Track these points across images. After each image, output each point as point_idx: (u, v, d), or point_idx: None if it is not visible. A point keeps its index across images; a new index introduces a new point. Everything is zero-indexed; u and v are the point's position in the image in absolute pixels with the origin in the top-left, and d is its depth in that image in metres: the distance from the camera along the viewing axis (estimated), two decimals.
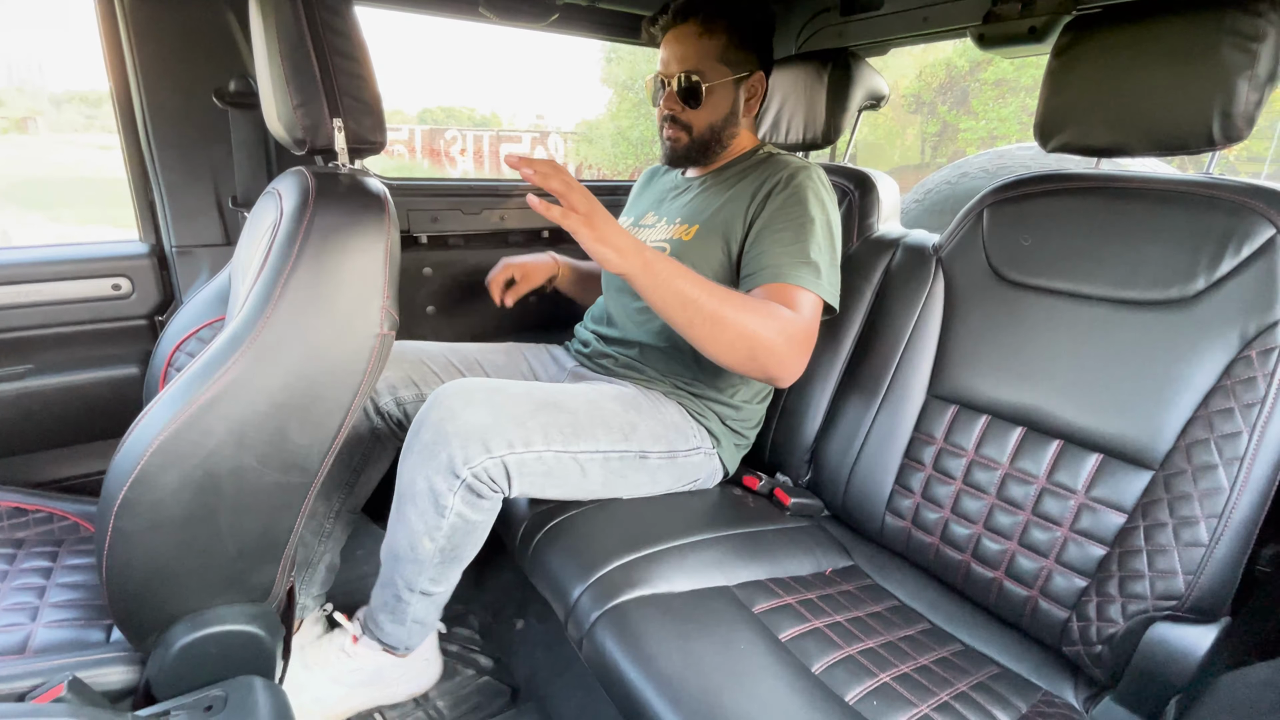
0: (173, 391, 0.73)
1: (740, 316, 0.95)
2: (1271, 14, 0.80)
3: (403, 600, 1.03)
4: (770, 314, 0.98)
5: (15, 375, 1.23)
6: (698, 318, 0.94)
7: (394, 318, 0.81)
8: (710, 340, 0.96)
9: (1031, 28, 1.09)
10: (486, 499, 0.96)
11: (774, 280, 1.03)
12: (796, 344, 1.00)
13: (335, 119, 0.81)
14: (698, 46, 1.15)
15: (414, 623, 1.06)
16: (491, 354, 1.35)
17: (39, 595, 0.88)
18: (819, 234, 1.07)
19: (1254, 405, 0.77)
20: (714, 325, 0.94)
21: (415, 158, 15.05)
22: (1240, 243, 0.81)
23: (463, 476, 0.92)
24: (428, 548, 0.97)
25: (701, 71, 1.15)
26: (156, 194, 1.30)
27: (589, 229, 0.87)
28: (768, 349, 0.97)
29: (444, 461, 0.92)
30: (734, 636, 0.84)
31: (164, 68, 1.21)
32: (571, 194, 0.86)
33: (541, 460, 0.98)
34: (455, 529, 0.96)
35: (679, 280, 0.93)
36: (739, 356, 0.97)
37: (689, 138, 1.21)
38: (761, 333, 0.96)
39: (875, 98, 1.50)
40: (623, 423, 1.07)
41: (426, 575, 1.00)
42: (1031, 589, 0.91)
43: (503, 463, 0.94)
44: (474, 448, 0.92)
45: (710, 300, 0.94)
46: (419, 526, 0.96)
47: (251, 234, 0.96)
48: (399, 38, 29.02)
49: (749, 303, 0.98)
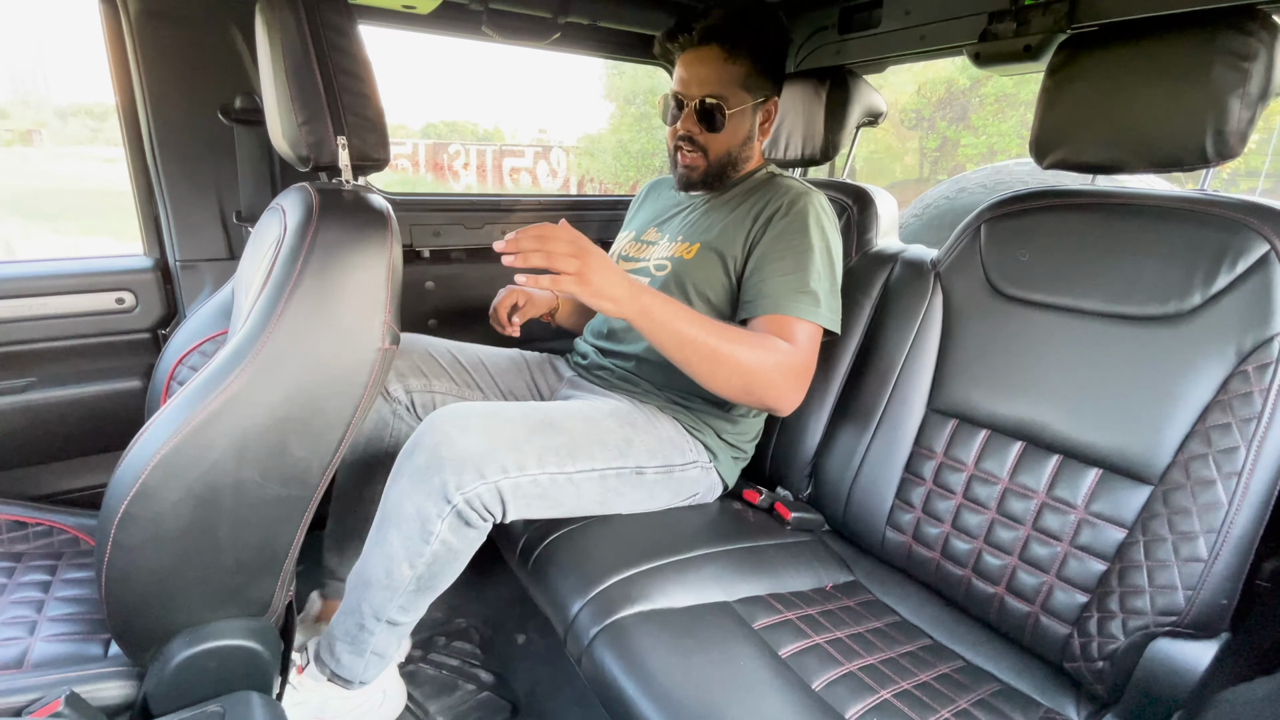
0: (175, 405, 0.73)
1: (736, 352, 0.98)
2: (1262, 33, 0.81)
3: (366, 629, 0.98)
4: (766, 348, 1.00)
5: (18, 388, 1.24)
6: (695, 355, 0.97)
7: (395, 332, 0.81)
8: (708, 375, 0.99)
9: (1027, 46, 1.10)
10: (475, 527, 0.94)
11: (773, 311, 1.06)
12: (793, 376, 1.02)
13: (339, 136, 0.82)
14: (721, 71, 1.15)
15: (373, 654, 1.01)
16: (495, 356, 1.36)
17: (37, 609, 0.87)
18: (818, 261, 1.08)
19: (1251, 420, 0.77)
20: (711, 362, 0.98)
21: (419, 172, 15.14)
22: (1235, 259, 0.82)
23: (454, 502, 0.90)
24: (405, 574, 0.94)
25: (724, 96, 1.15)
26: (161, 208, 1.31)
27: (583, 286, 0.88)
28: (764, 383, 1.00)
29: (436, 486, 0.90)
30: (734, 653, 0.83)
31: (170, 84, 1.23)
32: (555, 261, 0.86)
33: (536, 483, 0.97)
34: (438, 557, 0.93)
35: (676, 321, 0.96)
36: (736, 390, 1.01)
37: (705, 162, 1.21)
38: (757, 367, 0.99)
39: (873, 114, 1.51)
40: (619, 439, 1.07)
41: (397, 603, 0.96)
42: (1032, 604, 0.91)
43: (497, 488, 0.93)
44: (468, 474, 0.91)
45: (707, 338, 0.97)
46: (400, 552, 0.93)
47: (255, 249, 0.96)
48: (404, 54, 29.34)
49: (745, 338, 1.01)
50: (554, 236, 0.87)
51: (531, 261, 0.86)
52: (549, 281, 0.87)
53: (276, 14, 0.81)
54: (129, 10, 1.18)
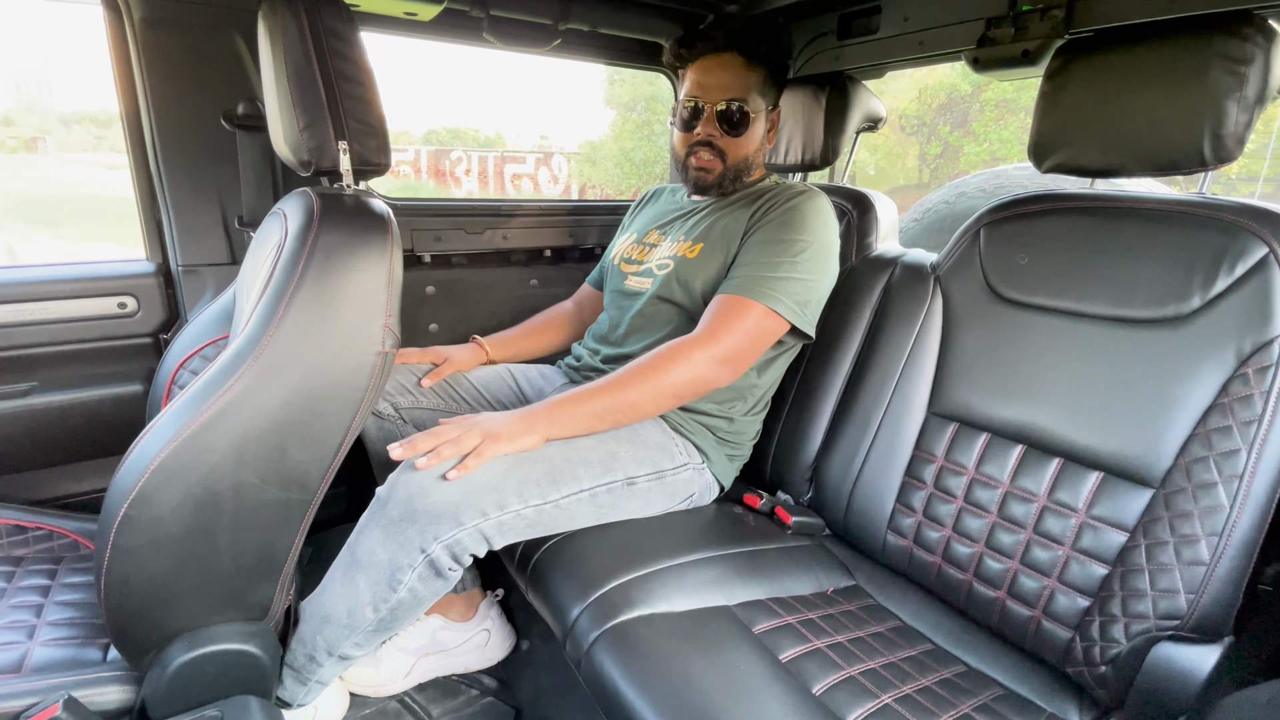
0: (175, 409, 0.74)
1: (646, 385, 1.03)
2: (1258, 37, 0.81)
3: (315, 661, 0.98)
4: (674, 359, 1.04)
5: (19, 392, 1.24)
6: (620, 415, 1.04)
7: (396, 336, 0.82)
8: (641, 415, 1.06)
9: (1025, 51, 1.10)
10: (444, 578, 0.93)
11: (730, 291, 1.09)
12: (716, 365, 1.06)
13: (340, 141, 0.83)
14: (743, 76, 1.18)
15: (316, 683, 1.01)
16: (480, 371, 1.36)
17: (36, 614, 0.87)
18: (799, 256, 1.09)
19: (1252, 422, 0.77)
20: (634, 410, 1.05)
21: (421, 178, 15.18)
22: (1234, 261, 0.82)
23: (429, 551, 0.90)
24: (368, 617, 0.93)
25: (746, 100, 1.18)
26: (164, 213, 1.32)
27: (495, 444, 0.94)
28: (689, 386, 1.06)
29: (411, 538, 0.90)
30: (734, 657, 0.83)
31: (173, 90, 1.24)
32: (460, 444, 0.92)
33: (520, 516, 0.96)
34: (402, 603, 0.93)
35: (577, 406, 1.02)
36: (670, 404, 1.08)
37: (723, 165, 1.22)
38: (674, 383, 1.04)
39: (872, 119, 1.52)
40: (602, 455, 1.05)
41: (353, 640, 0.96)
42: (1034, 609, 0.90)
43: (479, 531, 0.92)
44: (444, 524, 0.90)
45: (614, 397, 1.03)
46: (366, 597, 0.92)
47: (256, 253, 0.97)
48: (407, 62, 29.48)
49: (649, 365, 1.05)
50: (440, 433, 0.94)
51: (444, 455, 0.91)
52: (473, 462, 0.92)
53: (279, 20, 0.81)
54: (133, 17, 1.19)
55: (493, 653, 1.25)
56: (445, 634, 1.20)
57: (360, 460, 1.34)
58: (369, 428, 1.25)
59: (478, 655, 1.25)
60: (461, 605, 1.26)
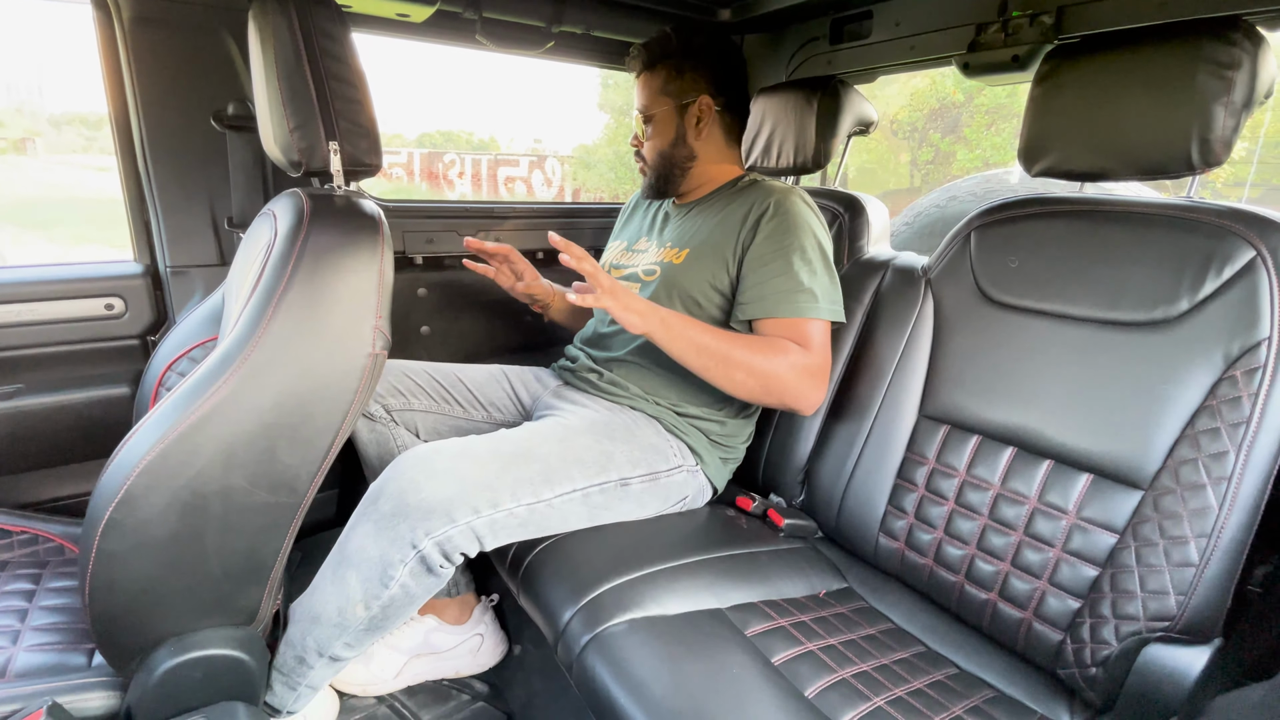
0: (162, 411, 0.73)
1: (751, 358, 1.05)
2: (1245, 43, 0.82)
3: (305, 663, 0.96)
4: (779, 351, 1.06)
5: (5, 395, 1.22)
6: (712, 361, 1.05)
7: (386, 337, 0.81)
8: (726, 380, 1.07)
9: (1015, 56, 1.11)
10: (435, 575, 0.92)
11: (775, 314, 1.10)
12: (809, 377, 1.07)
13: (331, 142, 0.83)
14: (645, 85, 1.29)
15: (306, 687, 0.99)
16: (472, 372, 1.36)
17: (20, 618, 0.86)
18: (811, 256, 1.11)
19: (1240, 425, 0.77)
20: (727, 366, 1.05)
21: (413, 181, 15.16)
22: (1222, 265, 0.83)
23: (420, 548, 0.89)
24: (359, 615, 0.93)
25: (648, 105, 1.28)
26: (152, 214, 1.31)
27: (614, 299, 1.01)
28: (781, 384, 1.06)
29: (402, 534, 0.89)
30: (726, 660, 0.83)
31: (163, 91, 1.23)
32: (600, 275, 1.00)
33: (513, 515, 0.96)
34: (394, 600, 0.92)
35: (691, 330, 1.06)
36: (753, 392, 1.07)
37: (645, 165, 1.32)
38: (772, 370, 1.05)
39: (864, 123, 1.53)
40: (597, 454, 1.06)
41: (344, 640, 0.95)
42: (1025, 610, 0.90)
43: (470, 528, 0.92)
44: (436, 520, 0.90)
45: (722, 345, 1.05)
46: (358, 593, 0.92)
47: (246, 254, 0.96)
48: (400, 64, 29.45)
49: (758, 343, 1.07)
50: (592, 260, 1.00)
51: (583, 267, 0.99)
52: (593, 299, 0.98)
53: (269, 20, 0.81)
54: (122, 17, 1.18)
55: (485, 658, 1.25)
56: (438, 636, 1.19)
57: (350, 463, 1.33)
58: (360, 430, 1.25)
59: (470, 660, 1.25)
60: (456, 609, 1.25)
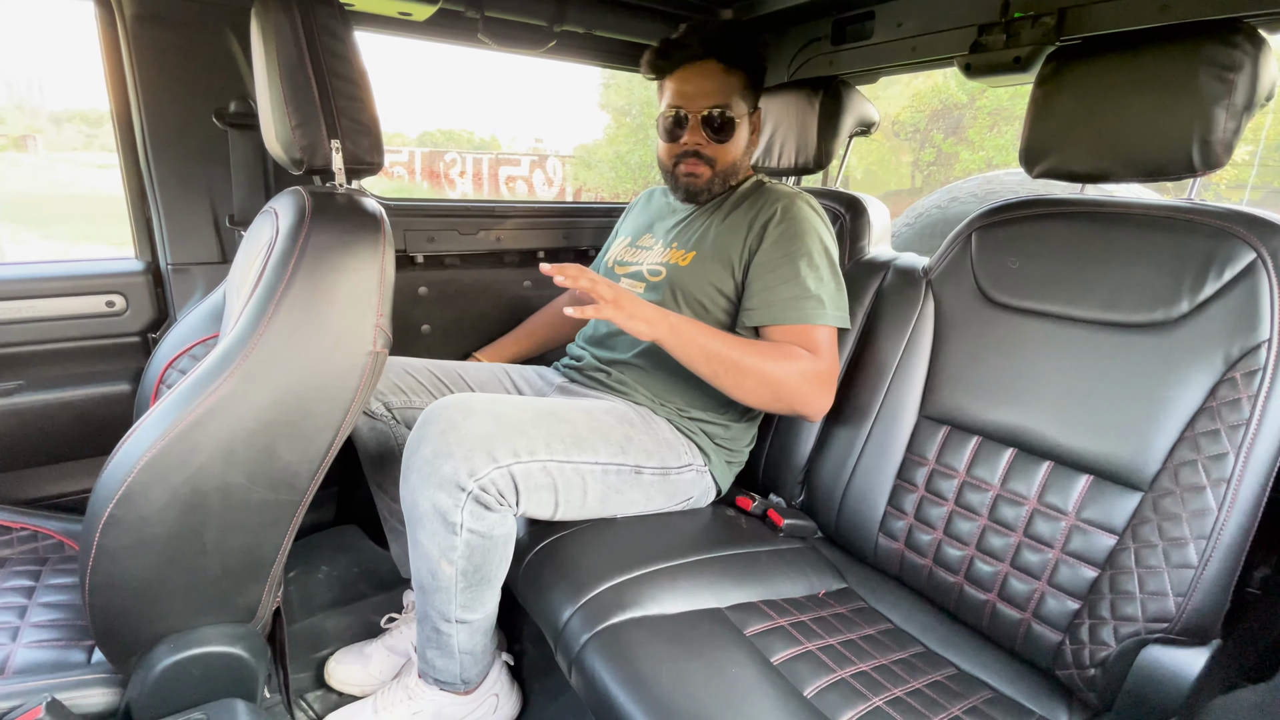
0: (162, 408, 0.73)
1: (761, 364, 1.04)
2: (1247, 45, 0.82)
3: (442, 632, 0.99)
4: (789, 357, 1.05)
5: (6, 391, 1.22)
6: (722, 368, 1.03)
7: (387, 335, 0.81)
8: (735, 387, 1.05)
9: (1016, 58, 1.11)
10: (495, 511, 0.92)
11: (783, 320, 1.09)
12: (817, 383, 1.06)
13: (333, 140, 0.83)
14: (723, 82, 1.18)
15: (462, 654, 1.01)
16: (474, 370, 1.36)
17: (20, 615, 0.86)
18: (819, 262, 1.11)
19: (1239, 426, 0.78)
20: (737, 373, 1.04)
21: (414, 180, 15.15)
22: (1222, 266, 0.83)
23: (469, 489, 0.89)
24: (448, 572, 0.93)
25: (729, 105, 1.18)
26: (154, 212, 1.31)
27: (619, 310, 0.97)
28: (790, 391, 1.05)
29: (448, 475, 0.89)
30: (725, 659, 0.83)
31: (165, 88, 1.23)
32: (598, 286, 0.96)
33: (546, 471, 0.96)
34: (472, 547, 0.92)
35: (701, 337, 1.03)
36: (764, 398, 1.06)
37: (712, 172, 1.21)
38: (782, 377, 1.04)
39: (866, 124, 1.53)
40: (620, 435, 1.07)
41: (457, 602, 0.96)
42: (1024, 611, 0.90)
43: (509, 473, 0.92)
44: (479, 459, 0.89)
45: (732, 352, 1.03)
46: (434, 551, 0.92)
47: (247, 252, 0.96)
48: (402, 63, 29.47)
49: (767, 349, 1.06)
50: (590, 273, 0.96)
51: (579, 284, 0.95)
52: (593, 310, 0.95)
53: (271, 18, 0.81)
54: (124, 14, 1.18)
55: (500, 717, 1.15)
56: (452, 709, 1.08)
57: (351, 462, 1.33)
58: (360, 428, 1.25)
59: None
60: None
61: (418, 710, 1.05)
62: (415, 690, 1.06)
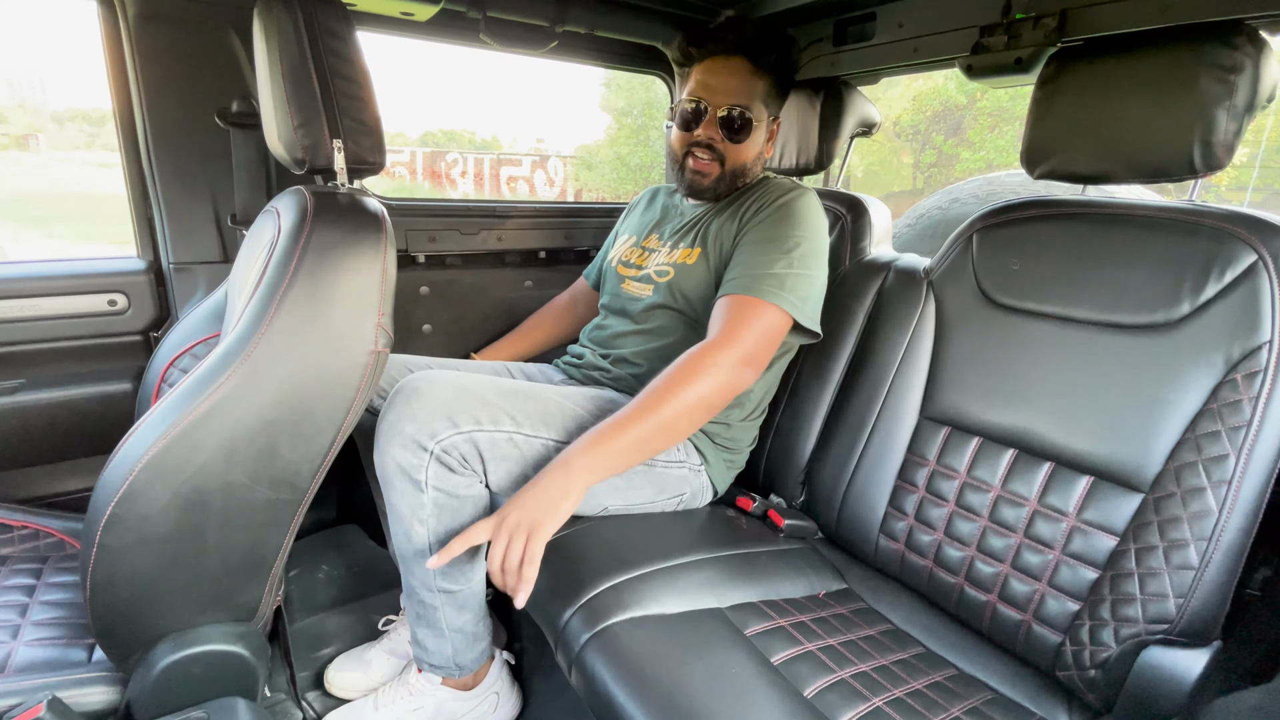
0: (164, 407, 0.73)
1: (679, 401, 0.95)
2: (1248, 47, 0.82)
3: (427, 604, 1.00)
4: (699, 367, 0.98)
5: (7, 390, 1.23)
6: (657, 438, 0.95)
7: (389, 334, 0.81)
8: (682, 433, 0.98)
9: (1018, 59, 1.11)
10: (460, 474, 0.94)
11: (734, 292, 1.06)
12: (738, 369, 1.00)
13: (335, 139, 0.83)
14: (749, 83, 1.17)
15: (452, 632, 1.02)
16: (476, 367, 1.36)
17: (21, 613, 0.86)
18: (795, 251, 1.08)
19: (1240, 428, 0.78)
20: (670, 429, 0.96)
21: (416, 179, 15.16)
22: (1223, 268, 0.83)
23: (430, 449, 0.91)
24: (420, 534, 0.95)
25: (750, 107, 1.16)
26: (156, 211, 1.31)
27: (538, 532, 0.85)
28: (719, 394, 0.98)
29: (410, 435, 0.91)
30: (725, 659, 0.83)
31: (167, 87, 1.23)
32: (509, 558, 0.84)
33: (513, 442, 0.97)
34: (440, 506, 0.94)
35: (615, 442, 0.93)
36: (702, 419, 0.99)
37: (720, 169, 1.20)
38: (704, 393, 0.97)
39: (867, 125, 1.53)
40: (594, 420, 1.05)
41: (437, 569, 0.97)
42: (1025, 612, 0.90)
43: (472, 440, 0.93)
44: (439, 422, 0.92)
45: (650, 420, 0.94)
46: (405, 511, 0.94)
47: (249, 251, 0.96)
48: (405, 63, 29.51)
49: (672, 381, 0.97)
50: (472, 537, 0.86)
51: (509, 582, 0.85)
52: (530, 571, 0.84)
53: (274, 18, 0.81)
54: (127, 13, 1.18)
55: (501, 716, 1.16)
56: (453, 705, 1.09)
57: (352, 460, 1.33)
58: (362, 426, 1.24)
59: None
60: None
61: (418, 706, 1.06)
62: (416, 686, 1.07)
